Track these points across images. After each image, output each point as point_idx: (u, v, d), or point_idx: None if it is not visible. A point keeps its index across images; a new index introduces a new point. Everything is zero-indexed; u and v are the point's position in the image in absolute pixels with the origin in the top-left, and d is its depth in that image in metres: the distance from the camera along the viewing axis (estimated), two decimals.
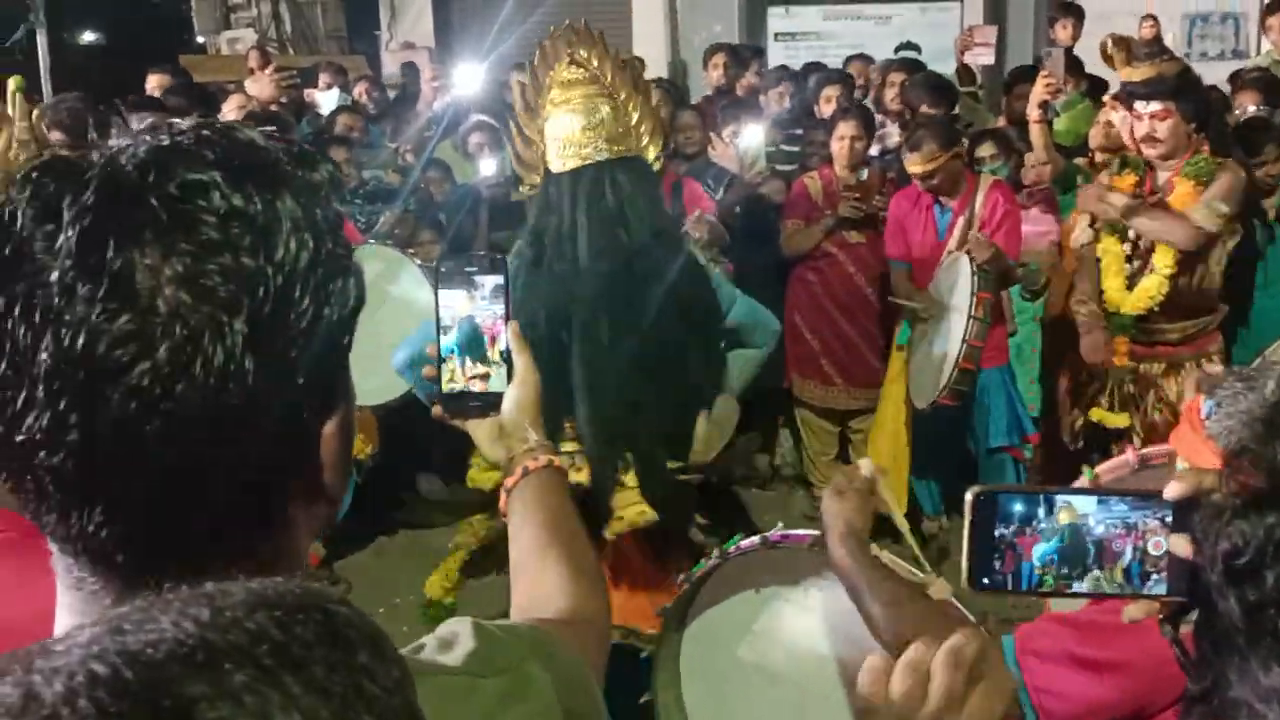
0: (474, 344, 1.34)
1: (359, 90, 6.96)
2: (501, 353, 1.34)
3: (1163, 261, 3.74)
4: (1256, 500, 0.71)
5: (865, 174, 5.05)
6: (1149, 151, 3.75)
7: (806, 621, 1.91)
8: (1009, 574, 0.93)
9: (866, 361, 5.03)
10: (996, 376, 4.47)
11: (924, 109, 5.20)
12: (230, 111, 5.20)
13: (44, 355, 0.66)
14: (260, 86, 5.57)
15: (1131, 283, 3.80)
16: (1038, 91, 4.50)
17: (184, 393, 0.67)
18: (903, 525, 1.76)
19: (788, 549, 1.88)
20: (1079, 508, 0.91)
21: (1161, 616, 0.88)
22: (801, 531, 1.89)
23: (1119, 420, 3.91)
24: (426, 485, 3.26)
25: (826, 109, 5.68)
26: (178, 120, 0.75)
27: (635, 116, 2.66)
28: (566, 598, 1.19)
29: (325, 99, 6.60)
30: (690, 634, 2.07)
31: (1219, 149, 3.75)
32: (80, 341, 0.66)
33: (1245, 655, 0.70)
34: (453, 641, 0.94)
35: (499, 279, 1.33)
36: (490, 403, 1.35)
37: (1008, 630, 1.62)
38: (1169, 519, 0.88)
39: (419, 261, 4.62)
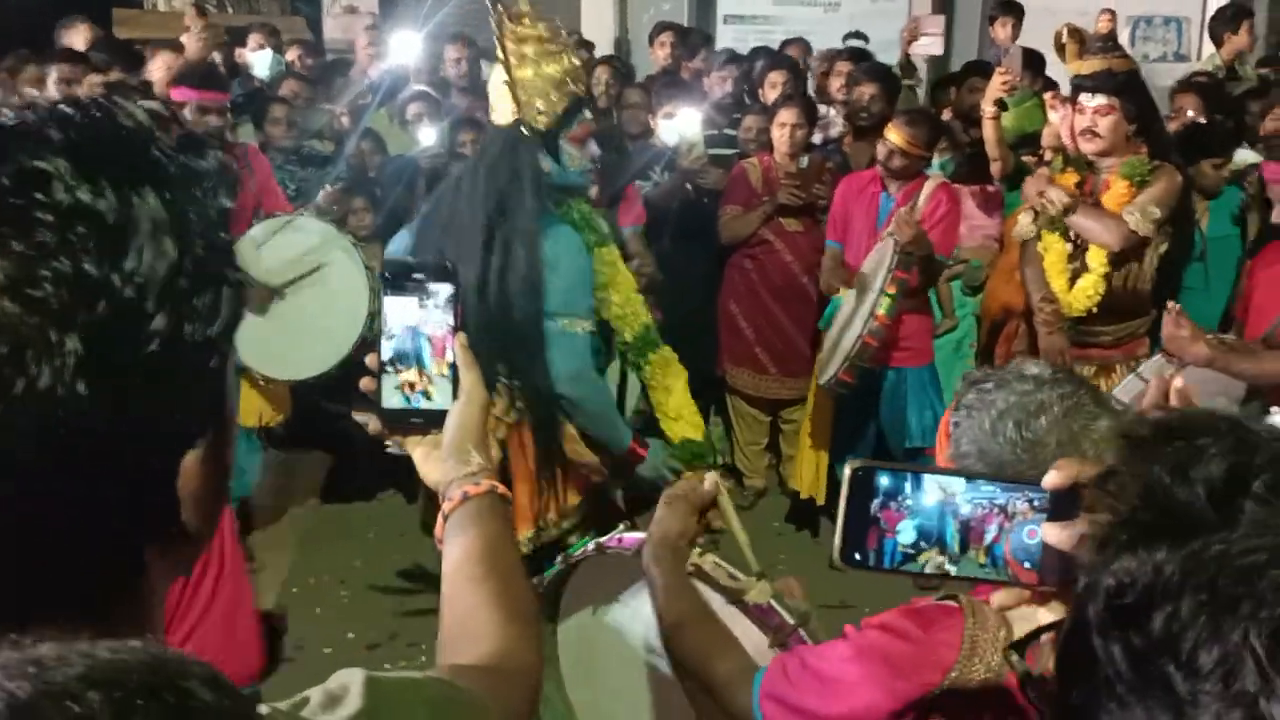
0: (419, 356, 1.24)
1: (292, 54, 6.76)
2: (449, 366, 1.24)
3: (1096, 260, 3.74)
4: (1143, 532, 0.63)
5: (805, 162, 5.01)
6: (1086, 147, 3.73)
7: (637, 627, 1.89)
8: (875, 549, 0.92)
9: (800, 351, 5.01)
10: (915, 378, 4.47)
11: (866, 91, 5.13)
12: (156, 70, 5.02)
13: None
14: (189, 44, 5.39)
15: (1073, 281, 3.80)
16: (994, 88, 4.48)
17: (1, 419, 0.58)
18: (743, 541, 1.74)
19: (617, 554, 1.82)
20: (950, 487, 0.92)
21: (1020, 682, 0.83)
22: (636, 535, 1.81)
23: None
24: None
25: (771, 95, 5.61)
26: (34, 91, 0.64)
27: (541, 83, 2.82)
28: (496, 641, 1.09)
29: (258, 60, 6.40)
30: (562, 630, 2.04)
31: (1157, 153, 3.75)
32: None
33: (1127, 704, 0.62)
34: (341, 697, 0.85)
35: (450, 288, 1.24)
36: (433, 420, 1.25)
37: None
38: (1038, 502, 0.89)
39: (351, 238, 4.51)
